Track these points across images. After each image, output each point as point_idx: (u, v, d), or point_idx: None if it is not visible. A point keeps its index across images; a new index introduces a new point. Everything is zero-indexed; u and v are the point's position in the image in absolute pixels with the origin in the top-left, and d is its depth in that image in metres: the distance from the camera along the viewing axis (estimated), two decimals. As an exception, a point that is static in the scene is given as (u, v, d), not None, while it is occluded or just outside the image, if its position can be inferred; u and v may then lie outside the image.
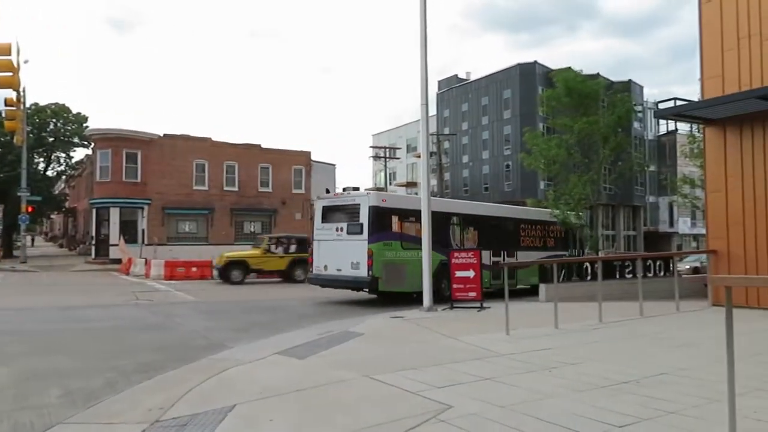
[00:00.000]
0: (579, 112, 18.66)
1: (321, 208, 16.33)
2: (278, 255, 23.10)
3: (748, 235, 11.75)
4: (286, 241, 23.93)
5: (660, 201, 56.34)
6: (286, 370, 6.59)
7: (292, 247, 23.62)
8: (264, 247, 23.23)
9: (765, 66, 11.48)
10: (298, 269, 22.93)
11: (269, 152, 40.48)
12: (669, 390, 5.27)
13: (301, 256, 22.92)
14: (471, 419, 4.50)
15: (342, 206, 15.47)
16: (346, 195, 16.07)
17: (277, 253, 23.20)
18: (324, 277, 15.54)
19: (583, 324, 9.74)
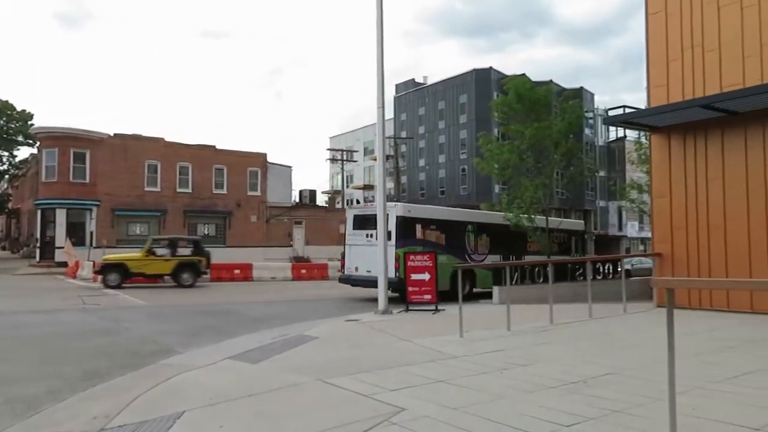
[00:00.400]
0: (530, 118, 19.06)
1: (352, 216, 17.97)
2: (163, 258, 21.66)
3: (691, 239, 12.21)
4: (174, 243, 22.57)
5: (610, 205, 58.04)
6: (237, 375, 6.49)
7: (181, 250, 22.27)
8: (146, 250, 21.79)
9: (707, 76, 11.97)
10: (185, 273, 21.66)
11: (224, 154, 39.88)
12: (615, 389, 5.42)
13: (189, 259, 21.97)
14: (423, 421, 4.52)
15: (371, 215, 16.33)
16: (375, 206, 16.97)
17: (162, 255, 21.76)
18: (355, 277, 17.00)
19: (535, 326, 9.94)
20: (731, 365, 6.49)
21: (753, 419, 4.38)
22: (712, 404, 4.87)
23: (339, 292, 20.34)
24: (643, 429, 4.23)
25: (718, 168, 11.89)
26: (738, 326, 9.63)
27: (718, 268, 11.66)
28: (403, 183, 56.32)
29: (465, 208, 36.57)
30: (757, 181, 11.27)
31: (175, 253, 22.01)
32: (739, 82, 11.32)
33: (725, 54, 11.74)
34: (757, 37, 11.29)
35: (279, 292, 20.38)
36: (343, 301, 16.49)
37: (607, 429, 4.26)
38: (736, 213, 11.54)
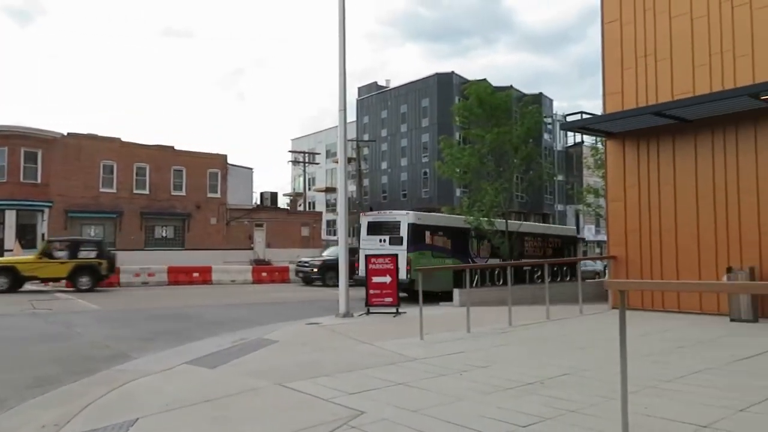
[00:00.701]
0: (491, 123, 19.34)
1: (366, 223, 19.63)
2: (59, 261, 20.49)
3: (644, 243, 12.57)
4: (74, 245, 21.42)
5: (567, 209, 59.25)
6: (194, 380, 6.37)
7: (80, 253, 21.11)
8: (40, 252, 20.99)
9: (659, 84, 12.35)
10: (84, 276, 20.67)
11: (183, 154, 39.13)
12: (570, 390, 5.53)
13: (87, 262, 20.92)
14: (382, 424, 4.52)
15: (384, 222, 18.93)
16: (388, 213, 20.17)
17: (58, 258, 20.60)
18: None
19: (494, 328, 10.06)
20: (681, 365, 6.69)
21: (701, 417, 4.53)
22: (663, 403, 5.02)
23: (300, 295, 20.23)
24: (597, 428, 4.32)
25: (670, 173, 12.27)
26: (688, 327, 9.95)
27: (670, 271, 12.03)
28: (366, 186, 56.34)
29: (426, 211, 36.77)
30: (706, 187, 11.68)
31: (74, 256, 20.89)
32: (690, 90, 11.72)
33: (676, 63, 12.14)
34: (706, 47, 11.71)
35: (239, 295, 20.12)
36: (305, 304, 16.40)
37: (562, 428, 4.34)
38: (687, 217, 11.93)
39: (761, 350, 7.59)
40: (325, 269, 24.58)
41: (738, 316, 10.53)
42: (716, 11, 11.63)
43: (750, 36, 11.14)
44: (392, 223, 18.78)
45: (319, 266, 24.99)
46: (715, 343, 8.37)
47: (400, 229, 18.26)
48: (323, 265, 24.87)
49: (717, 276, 11.11)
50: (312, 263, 25.56)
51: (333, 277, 24.08)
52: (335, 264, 24.46)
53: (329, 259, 25.46)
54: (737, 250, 11.21)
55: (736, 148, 11.36)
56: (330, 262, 24.86)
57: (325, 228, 57.34)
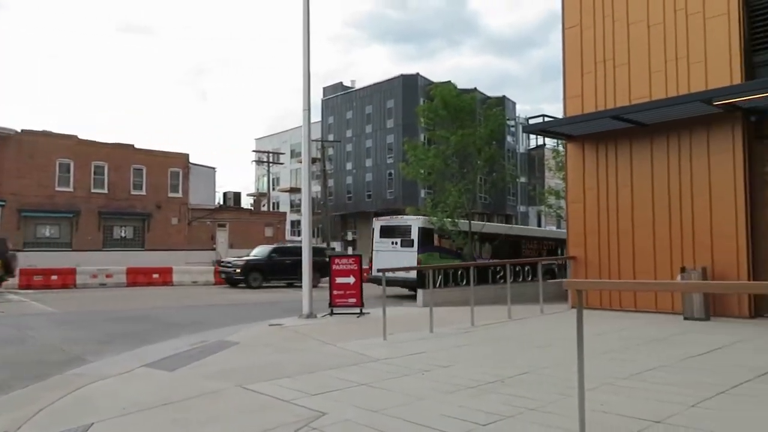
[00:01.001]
0: (455, 125, 19.53)
1: (379, 227, 21.07)
2: None
3: (602, 243, 12.85)
4: None
5: (530, 210, 60.18)
6: (153, 383, 6.24)
7: None
8: None
9: (618, 89, 12.66)
10: None
11: (143, 153, 38.30)
12: (530, 388, 5.61)
13: None
14: (344, 425, 4.51)
15: (396, 226, 20.58)
16: (399, 218, 21.68)
17: None
18: None
19: (457, 327, 10.14)
20: (637, 362, 6.87)
21: (655, 413, 4.66)
22: (619, 399, 5.14)
23: (263, 296, 20.03)
24: (555, 425, 4.40)
25: (627, 176, 12.58)
26: (644, 325, 10.21)
27: (627, 271, 12.33)
28: (330, 186, 56.12)
29: (391, 212, 36.71)
30: (661, 190, 12.01)
31: None
32: (647, 95, 12.05)
33: (634, 68, 12.46)
34: (662, 54, 12.05)
35: (200, 296, 19.80)
36: (268, 306, 16.24)
37: (521, 426, 4.40)
38: (643, 219, 12.25)
39: (712, 348, 7.85)
40: (249, 270, 23.98)
41: (691, 315, 10.86)
42: (671, 19, 11.98)
43: (703, 43, 11.52)
44: (403, 227, 20.43)
45: (242, 267, 24.11)
46: (669, 341, 8.61)
47: (410, 232, 20.02)
48: (246, 265, 24.19)
49: (672, 276, 11.44)
50: (235, 264, 24.57)
51: (257, 278, 23.99)
52: (259, 264, 24.42)
53: (253, 259, 24.96)
54: (690, 250, 11.56)
55: (690, 151, 11.72)
56: (254, 263, 24.52)
57: (290, 228, 56.94)
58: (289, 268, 24.15)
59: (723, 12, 11.30)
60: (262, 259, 24.90)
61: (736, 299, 10.96)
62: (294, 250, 26.07)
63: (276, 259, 24.75)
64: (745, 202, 11.03)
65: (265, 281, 24.20)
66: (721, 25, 11.31)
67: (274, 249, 25.96)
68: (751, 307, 10.91)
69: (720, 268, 11.09)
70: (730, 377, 5.88)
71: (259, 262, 24.78)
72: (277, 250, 25.87)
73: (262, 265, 24.57)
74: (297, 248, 27.29)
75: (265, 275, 24.34)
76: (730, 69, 11.14)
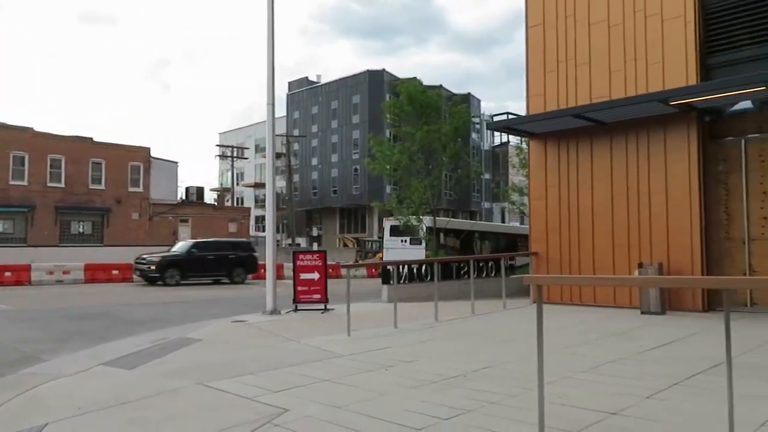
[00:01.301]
0: (421, 121, 19.66)
1: (389, 226, 23.45)
2: None
3: (563, 239, 13.09)
4: None
5: (494, 207, 60.93)
6: (111, 382, 6.10)
7: None
8: None
9: (579, 87, 12.89)
10: None
11: (102, 147, 37.42)
12: (492, 382, 5.69)
13: None
14: (306, 421, 4.49)
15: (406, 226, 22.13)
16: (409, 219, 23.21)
17: None
18: None
19: (421, 323, 10.20)
20: (595, 356, 7.02)
21: (611, 405, 4.77)
22: (578, 392, 5.25)
23: (227, 292, 19.81)
24: (515, 418, 4.47)
25: (587, 174, 12.83)
26: (603, 320, 10.46)
27: (587, 267, 12.59)
28: (296, 181, 55.73)
29: (357, 207, 36.43)
30: (620, 187, 12.30)
31: None
32: (606, 94, 12.30)
33: (594, 68, 12.70)
34: (622, 54, 12.32)
35: (161, 293, 19.45)
36: (231, 302, 16.05)
37: (483, 420, 4.46)
38: (603, 215, 12.52)
39: (667, 341, 8.08)
40: (165, 266, 22.90)
41: (648, 309, 11.15)
42: (631, 20, 12.25)
43: (661, 45, 11.81)
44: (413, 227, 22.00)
45: (157, 263, 22.95)
46: (626, 335, 8.83)
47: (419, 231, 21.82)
48: (162, 262, 23.08)
49: (629, 271, 11.72)
50: (150, 260, 23.33)
51: (175, 276, 22.80)
52: (178, 260, 23.54)
53: (170, 255, 24.02)
54: (648, 247, 11.87)
55: (647, 150, 12.02)
56: (170, 259, 23.40)
57: (254, 224, 56.36)
58: (211, 264, 23.68)
59: (680, 14, 11.61)
60: (181, 255, 23.91)
61: (691, 294, 11.31)
62: (216, 244, 25.81)
63: (196, 255, 23.82)
64: (700, 200, 11.37)
65: (183, 278, 23.13)
66: (678, 27, 11.61)
67: (194, 244, 25.02)
68: (705, 302, 11.27)
69: (675, 264, 11.43)
70: (683, 369, 6.07)
71: (178, 258, 23.73)
72: (198, 245, 24.95)
73: (180, 261, 23.53)
74: (220, 243, 26.82)
75: (184, 272, 23.27)
76: (686, 70, 11.46)
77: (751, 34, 11.11)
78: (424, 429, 4.25)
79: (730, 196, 11.58)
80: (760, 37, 10.98)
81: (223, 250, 25.10)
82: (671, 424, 4.30)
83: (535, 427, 4.09)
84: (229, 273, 24.43)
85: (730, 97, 10.84)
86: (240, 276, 24.58)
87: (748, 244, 11.31)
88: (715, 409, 4.25)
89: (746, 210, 11.36)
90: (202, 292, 19.77)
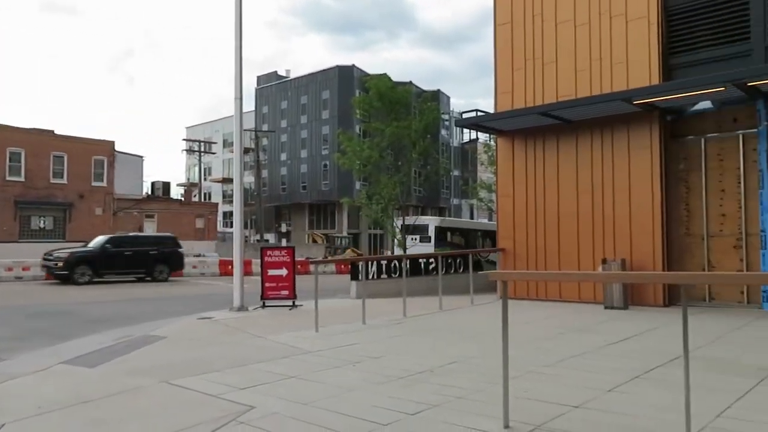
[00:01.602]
0: (390, 117, 19.70)
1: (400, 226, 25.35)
2: None
3: (530, 236, 13.28)
4: None
5: (463, 203, 61.40)
6: (72, 380, 5.97)
7: None
8: None
9: (546, 86, 13.07)
10: None
11: (64, 140, 36.48)
12: (458, 377, 5.74)
13: None
14: (272, 418, 4.46)
15: (417, 225, 24.23)
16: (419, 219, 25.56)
17: None
18: None
19: (389, 319, 10.22)
20: (560, 350, 7.15)
21: (574, 398, 4.86)
22: (542, 386, 5.34)
23: (194, 289, 19.55)
24: (481, 412, 4.52)
25: (554, 171, 13.03)
26: (568, 314, 10.65)
27: (553, 262, 12.80)
28: (264, 177, 55.23)
29: (326, 203, 36.18)
30: (585, 184, 12.52)
31: None
32: (572, 93, 12.50)
33: (561, 67, 12.89)
34: (587, 54, 12.53)
35: (126, 289, 19.09)
36: (198, 299, 15.85)
37: (449, 414, 4.50)
38: (568, 212, 12.74)
39: (629, 335, 8.28)
40: (74, 263, 21.15)
41: (611, 304, 11.40)
42: (596, 20, 12.47)
43: (625, 45, 12.05)
44: (423, 226, 24.11)
45: (64, 260, 21.16)
46: (590, 330, 9.01)
47: (428, 230, 23.87)
48: (70, 258, 21.29)
49: (594, 267, 11.96)
50: (57, 256, 21.55)
51: (86, 273, 21.09)
52: (89, 257, 21.91)
53: (80, 251, 22.41)
54: (612, 243, 12.12)
55: (612, 148, 12.27)
56: (80, 255, 21.77)
57: (222, 219, 55.71)
58: (129, 261, 22.35)
59: (643, 15, 11.86)
60: (94, 251, 22.20)
61: (652, 289, 11.60)
62: (135, 239, 24.54)
63: (111, 251, 22.25)
64: (661, 197, 11.66)
65: (97, 276, 21.58)
66: (642, 28, 11.86)
67: (109, 239, 23.33)
68: (666, 297, 11.57)
69: (638, 260, 11.70)
70: (644, 362, 6.22)
71: (89, 254, 22.06)
72: (114, 240, 23.34)
73: (92, 257, 21.84)
74: (139, 238, 25.77)
75: (97, 269, 21.65)
76: (649, 70, 11.72)
77: (711, 35, 11.42)
78: (390, 424, 4.27)
79: (691, 194, 11.90)
80: (720, 38, 11.30)
81: (142, 245, 23.68)
82: (631, 417, 4.41)
83: (500, 420, 4.16)
84: (149, 270, 22.98)
85: (690, 97, 11.13)
86: (163, 273, 23.20)
87: (707, 241, 11.65)
88: (674, 401, 4.37)
89: (705, 207, 11.69)
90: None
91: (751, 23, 10.97)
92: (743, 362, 6.43)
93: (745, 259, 11.20)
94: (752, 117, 11.05)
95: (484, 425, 4.19)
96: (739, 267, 11.22)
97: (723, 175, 11.58)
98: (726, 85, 10.09)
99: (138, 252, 22.93)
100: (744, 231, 11.23)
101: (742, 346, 7.53)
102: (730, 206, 11.45)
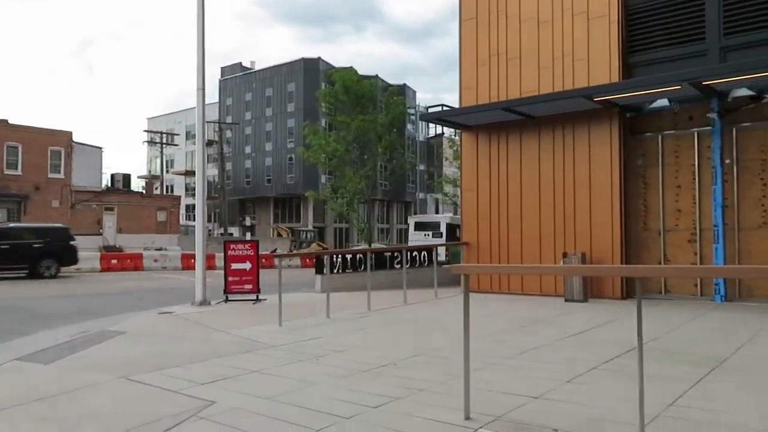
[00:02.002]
0: (356, 111, 19.64)
1: (414, 222, 26.62)
2: None
3: (494, 229, 13.44)
4: None
5: (428, 197, 61.71)
6: (25, 378, 5.81)
7: None
8: None
9: (509, 82, 13.21)
10: None
11: (19, 129, 35.31)
12: (421, 370, 5.79)
13: None
14: (233, 413, 4.42)
15: (428, 222, 26.32)
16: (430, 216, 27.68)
17: None
18: None
19: (354, 312, 10.23)
20: (521, 342, 7.26)
21: (534, 389, 4.96)
22: (503, 378, 5.42)
23: (155, 283, 19.18)
24: (442, 404, 4.57)
25: (517, 166, 13.20)
26: (529, 307, 10.83)
27: (515, 256, 12.99)
28: (228, 170, 54.48)
29: (291, 197, 35.92)
30: (547, 179, 12.73)
31: None
32: (535, 89, 12.67)
33: (524, 63, 13.05)
34: (550, 51, 12.70)
35: (84, 284, 18.63)
36: (159, 293, 15.56)
37: (410, 407, 4.53)
38: (531, 206, 12.93)
39: (588, 327, 8.47)
40: None
41: (571, 297, 11.64)
42: (559, 18, 12.65)
43: (587, 43, 12.26)
44: (434, 223, 25.80)
45: None
46: (550, 322, 9.18)
47: (439, 227, 25.19)
48: None
49: (555, 261, 12.18)
50: None
51: None
52: None
53: None
54: (572, 237, 12.36)
55: (573, 144, 12.49)
56: None
57: (184, 213, 54.75)
58: (5, 255, 19.89)
59: (604, 14, 12.08)
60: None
61: (611, 282, 11.88)
62: (13, 231, 21.89)
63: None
64: (620, 192, 11.93)
65: None
66: (603, 26, 12.09)
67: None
68: (623, 289, 11.86)
69: (597, 254, 11.96)
70: (601, 354, 6.37)
71: None
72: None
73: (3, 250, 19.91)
74: (18, 229, 22.44)
75: None
76: (609, 68, 11.96)
77: (669, 35, 11.72)
78: (352, 417, 4.28)
79: (648, 189, 12.21)
80: (677, 38, 11.60)
81: (22, 237, 21.14)
82: (589, 407, 4.51)
83: (462, 412, 4.21)
84: (33, 266, 20.54)
85: (648, 95, 11.40)
86: (50, 269, 20.93)
87: (663, 235, 11.98)
88: (629, 391, 4.48)
89: (662, 202, 12.01)
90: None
91: (706, 24, 11.29)
92: (696, 353, 6.65)
93: (699, 252, 11.55)
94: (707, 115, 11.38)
95: (445, 417, 4.23)
96: (693, 261, 11.58)
97: (679, 171, 11.91)
98: (682, 84, 10.37)
99: (16, 245, 20.43)
100: (698, 226, 11.58)
101: (694, 337, 7.78)
102: (686, 202, 11.79)
